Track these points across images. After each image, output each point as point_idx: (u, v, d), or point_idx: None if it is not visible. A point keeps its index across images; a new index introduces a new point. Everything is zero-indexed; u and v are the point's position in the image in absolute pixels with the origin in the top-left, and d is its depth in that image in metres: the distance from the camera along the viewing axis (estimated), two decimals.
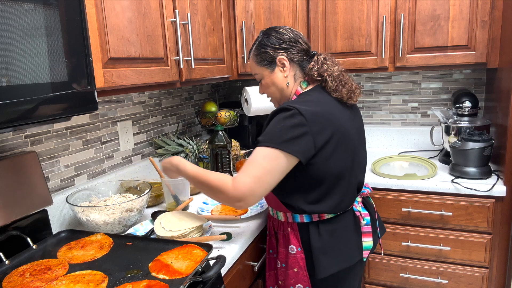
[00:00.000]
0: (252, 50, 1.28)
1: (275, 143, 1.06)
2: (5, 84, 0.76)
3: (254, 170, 1.06)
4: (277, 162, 1.06)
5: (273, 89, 1.27)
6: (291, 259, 1.21)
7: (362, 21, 1.85)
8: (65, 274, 0.95)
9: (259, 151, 1.07)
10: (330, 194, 1.16)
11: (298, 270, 1.20)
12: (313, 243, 1.18)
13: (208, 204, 1.54)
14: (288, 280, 1.22)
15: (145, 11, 1.26)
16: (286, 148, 1.05)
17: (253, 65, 1.29)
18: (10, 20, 0.77)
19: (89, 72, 0.97)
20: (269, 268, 1.36)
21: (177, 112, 2.13)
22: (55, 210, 1.34)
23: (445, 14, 1.74)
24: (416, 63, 1.82)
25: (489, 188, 1.60)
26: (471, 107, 1.85)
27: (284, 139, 1.05)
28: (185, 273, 0.92)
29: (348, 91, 1.20)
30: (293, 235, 1.21)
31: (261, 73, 1.27)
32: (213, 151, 1.79)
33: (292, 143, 1.05)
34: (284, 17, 1.94)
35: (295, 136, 1.06)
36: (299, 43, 1.24)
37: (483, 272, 1.70)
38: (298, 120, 1.07)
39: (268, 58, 1.24)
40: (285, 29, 1.26)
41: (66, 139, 1.43)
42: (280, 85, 1.25)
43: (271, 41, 1.23)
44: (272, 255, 1.36)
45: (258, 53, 1.26)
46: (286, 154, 1.06)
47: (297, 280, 1.20)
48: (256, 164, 1.06)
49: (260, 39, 1.27)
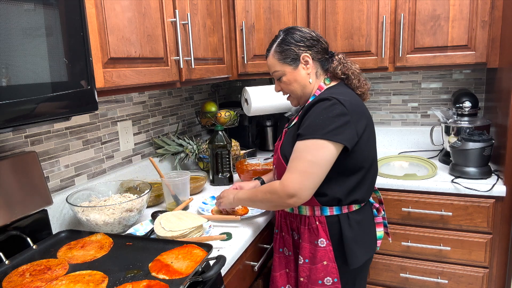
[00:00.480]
0: (273, 48, 1.28)
1: (320, 134, 1.10)
2: (5, 84, 0.76)
3: (299, 164, 1.11)
4: (322, 152, 1.10)
5: (295, 86, 1.28)
6: (320, 252, 1.22)
7: (362, 21, 1.85)
8: (65, 274, 0.95)
9: (302, 145, 1.13)
10: (363, 182, 1.23)
11: (327, 263, 1.22)
12: (346, 234, 1.22)
13: (207, 204, 1.54)
14: (316, 274, 1.22)
15: (145, 11, 1.26)
16: (332, 138, 1.10)
17: (274, 63, 1.29)
18: (10, 20, 0.77)
19: (89, 72, 0.97)
20: (279, 268, 1.35)
21: (177, 112, 2.13)
22: (55, 210, 1.34)
23: (445, 14, 1.74)
24: (416, 63, 1.82)
25: (489, 188, 1.60)
26: (471, 107, 1.85)
27: (329, 129, 1.10)
28: (185, 273, 0.92)
29: (366, 89, 1.30)
30: (321, 229, 1.23)
31: (283, 70, 1.27)
32: (213, 151, 1.78)
33: (337, 132, 1.10)
34: (284, 17, 1.94)
35: (340, 125, 1.11)
36: (320, 42, 1.28)
37: (483, 272, 1.70)
38: (340, 109, 1.12)
39: (292, 55, 1.25)
40: (306, 29, 1.30)
41: (66, 139, 1.43)
42: (302, 82, 1.27)
43: (295, 38, 1.25)
44: (282, 254, 1.36)
45: (282, 51, 1.26)
46: (333, 143, 1.10)
47: (326, 273, 1.22)
48: (300, 158, 1.12)
49: (282, 37, 1.28)
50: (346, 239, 1.22)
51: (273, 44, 1.30)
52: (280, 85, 1.32)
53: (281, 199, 1.15)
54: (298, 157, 1.13)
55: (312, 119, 1.14)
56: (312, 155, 1.11)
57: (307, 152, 1.11)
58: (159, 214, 1.32)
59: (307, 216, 1.25)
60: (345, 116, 1.12)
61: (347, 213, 1.24)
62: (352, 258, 1.22)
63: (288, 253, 1.34)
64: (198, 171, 1.87)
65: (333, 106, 1.12)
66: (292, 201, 1.13)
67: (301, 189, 1.11)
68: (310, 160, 1.11)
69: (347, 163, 1.17)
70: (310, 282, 1.24)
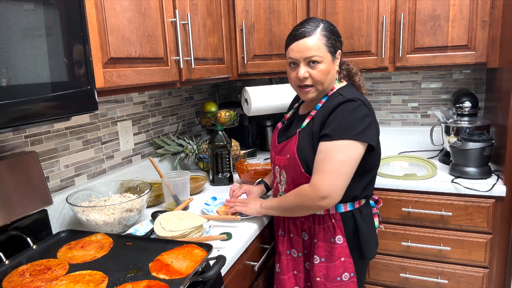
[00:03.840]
0: (319, 31, 1.18)
1: (351, 135, 1.13)
2: (5, 84, 0.76)
3: (330, 165, 1.13)
4: (353, 152, 1.13)
5: (328, 78, 1.22)
6: (338, 249, 1.24)
7: (362, 21, 1.85)
8: (65, 274, 0.95)
9: (332, 146, 1.13)
10: (374, 178, 1.30)
11: (345, 259, 1.24)
12: (362, 228, 1.25)
13: (210, 205, 1.53)
14: (334, 271, 1.24)
15: (145, 11, 1.26)
16: (362, 138, 1.13)
17: (319, 46, 1.18)
18: (10, 20, 0.77)
19: (89, 72, 0.97)
20: (287, 270, 1.34)
21: (177, 112, 2.13)
22: (55, 210, 1.34)
23: (445, 14, 1.74)
24: (416, 63, 1.82)
25: (489, 188, 1.60)
26: (471, 107, 1.85)
27: (359, 130, 1.13)
28: (185, 273, 0.92)
29: (366, 90, 1.34)
30: (337, 226, 1.25)
31: (325, 57, 1.19)
32: (213, 151, 1.78)
33: (365, 132, 1.14)
34: (284, 17, 1.94)
35: (366, 126, 1.14)
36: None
37: (483, 272, 1.70)
38: (365, 110, 1.16)
39: (335, 47, 1.22)
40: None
41: (66, 139, 1.43)
42: (333, 76, 1.25)
43: (337, 32, 1.23)
44: (290, 256, 1.35)
45: (329, 37, 1.19)
46: (361, 143, 1.14)
47: (344, 269, 1.24)
48: (331, 159, 1.13)
49: (326, 25, 1.21)
50: (362, 233, 1.25)
51: (316, 27, 1.19)
52: (311, 72, 1.20)
53: (313, 202, 1.15)
54: (327, 158, 1.13)
55: (341, 120, 1.14)
56: (344, 155, 1.12)
57: (338, 152, 1.12)
58: (159, 214, 1.32)
59: (321, 215, 1.26)
60: (368, 117, 1.16)
61: (359, 208, 1.27)
62: (368, 251, 1.26)
63: (298, 255, 1.34)
64: (198, 171, 1.87)
65: (360, 107, 1.15)
66: (325, 202, 1.14)
67: (334, 190, 1.13)
68: (342, 160, 1.12)
69: (367, 161, 1.20)
70: (328, 280, 1.25)
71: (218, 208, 1.49)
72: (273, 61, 1.99)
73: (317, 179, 1.14)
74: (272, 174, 1.42)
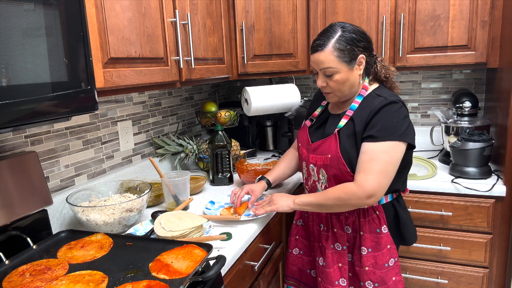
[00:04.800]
0: (332, 44, 1.22)
1: (396, 136, 1.19)
2: (5, 84, 0.76)
3: (377, 166, 1.19)
4: (397, 152, 1.20)
5: (346, 86, 1.27)
6: (384, 238, 1.31)
7: (362, 21, 1.85)
8: (65, 274, 0.95)
9: (378, 147, 1.19)
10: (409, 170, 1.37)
11: (390, 246, 1.32)
12: (402, 216, 1.34)
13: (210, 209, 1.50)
14: (382, 259, 1.31)
15: (145, 11, 1.26)
16: (405, 138, 1.20)
17: (331, 59, 1.23)
18: (10, 20, 0.77)
19: (89, 72, 0.97)
20: (332, 263, 1.37)
21: (177, 112, 2.13)
22: (55, 210, 1.34)
23: (445, 14, 1.74)
24: (416, 63, 1.82)
25: (489, 188, 1.60)
26: (471, 107, 1.85)
27: (402, 131, 1.20)
28: (185, 273, 0.92)
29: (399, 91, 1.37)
30: (381, 217, 1.31)
31: (338, 68, 1.23)
32: (213, 151, 1.79)
33: (407, 133, 1.21)
34: (284, 17, 1.94)
35: (407, 126, 1.22)
36: (372, 44, 1.31)
37: (483, 272, 1.70)
38: (405, 111, 1.24)
39: (352, 56, 1.24)
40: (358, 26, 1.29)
41: (66, 139, 1.43)
42: (354, 82, 1.28)
43: (357, 38, 1.24)
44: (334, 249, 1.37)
45: (343, 49, 1.22)
46: (404, 143, 1.21)
47: (390, 255, 1.32)
48: (377, 159, 1.19)
49: (340, 33, 1.23)
50: (403, 219, 1.34)
51: (330, 39, 1.22)
52: (328, 81, 1.26)
53: (360, 200, 1.21)
54: (373, 158, 1.19)
55: (386, 121, 1.20)
56: (389, 156, 1.19)
57: (384, 153, 1.19)
58: (159, 214, 1.32)
59: (366, 209, 1.32)
60: (408, 118, 1.23)
61: (397, 197, 1.36)
62: (410, 236, 1.36)
63: (342, 248, 1.37)
64: (198, 171, 1.87)
65: (401, 109, 1.22)
66: (371, 200, 1.21)
67: (380, 188, 1.19)
68: (387, 160, 1.19)
69: (406, 158, 1.28)
70: (377, 268, 1.31)
71: (221, 211, 1.47)
72: (273, 61, 1.99)
73: (364, 178, 1.20)
74: (305, 172, 1.42)
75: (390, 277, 1.32)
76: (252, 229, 1.33)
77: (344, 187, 1.23)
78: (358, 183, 1.20)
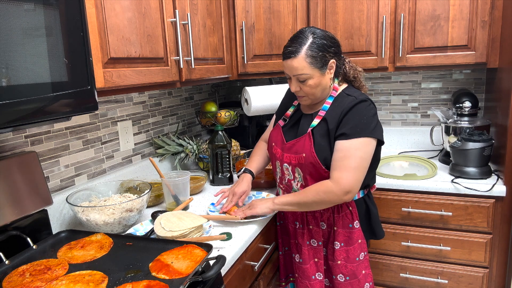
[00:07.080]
0: (304, 51, 1.24)
1: (367, 132, 1.24)
2: (5, 84, 0.76)
3: (352, 162, 1.23)
4: (369, 148, 1.25)
5: (318, 89, 1.31)
6: (355, 233, 1.36)
7: (362, 21, 1.85)
8: (65, 274, 0.95)
9: (351, 144, 1.23)
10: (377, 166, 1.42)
11: (361, 241, 1.37)
12: (373, 211, 1.40)
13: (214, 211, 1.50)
14: (354, 253, 1.36)
15: (145, 11, 1.26)
16: (374, 134, 1.25)
17: (304, 66, 1.25)
18: (10, 20, 0.77)
19: (89, 72, 0.97)
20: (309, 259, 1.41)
21: (177, 112, 2.13)
22: (55, 210, 1.34)
23: (445, 14, 1.74)
24: (416, 63, 1.82)
25: (489, 188, 1.60)
26: (471, 107, 1.85)
27: (372, 127, 1.25)
28: (185, 273, 0.92)
29: (366, 90, 1.42)
30: (354, 212, 1.36)
31: (311, 74, 1.27)
32: (213, 151, 1.79)
33: (377, 129, 1.26)
34: (284, 17, 1.94)
35: (376, 123, 1.27)
36: (340, 47, 1.35)
37: (483, 272, 1.70)
38: (374, 109, 1.29)
39: (324, 61, 1.27)
40: (327, 31, 1.32)
41: (66, 139, 1.43)
42: (325, 85, 1.32)
43: (328, 44, 1.27)
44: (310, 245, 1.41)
45: (315, 56, 1.25)
46: (375, 139, 1.26)
47: (361, 249, 1.37)
48: (352, 156, 1.23)
49: (312, 40, 1.25)
50: (373, 215, 1.40)
51: (302, 46, 1.24)
52: (301, 86, 1.30)
53: (337, 197, 1.24)
54: (348, 155, 1.23)
55: (357, 119, 1.24)
56: (362, 152, 1.23)
57: (357, 149, 1.23)
58: (159, 214, 1.32)
59: (340, 205, 1.35)
60: (376, 115, 1.29)
61: (367, 193, 1.41)
62: (379, 231, 1.42)
63: (318, 244, 1.41)
64: (198, 171, 1.87)
65: (370, 106, 1.28)
66: (348, 197, 1.25)
67: (356, 184, 1.24)
68: (361, 156, 1.23)
69: (376, 154, 1.33)
70: (349, 261, 1.36)
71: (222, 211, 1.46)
72: (273, 61, 1.99)
73: (340, 175, 1.23)
74: (279, 171, 1.43)
75: (360, 271, 1.37)
76: (252, 229, 1.33)
77: (321, 185, 1.27)
78: (335, 180, 1.24)
